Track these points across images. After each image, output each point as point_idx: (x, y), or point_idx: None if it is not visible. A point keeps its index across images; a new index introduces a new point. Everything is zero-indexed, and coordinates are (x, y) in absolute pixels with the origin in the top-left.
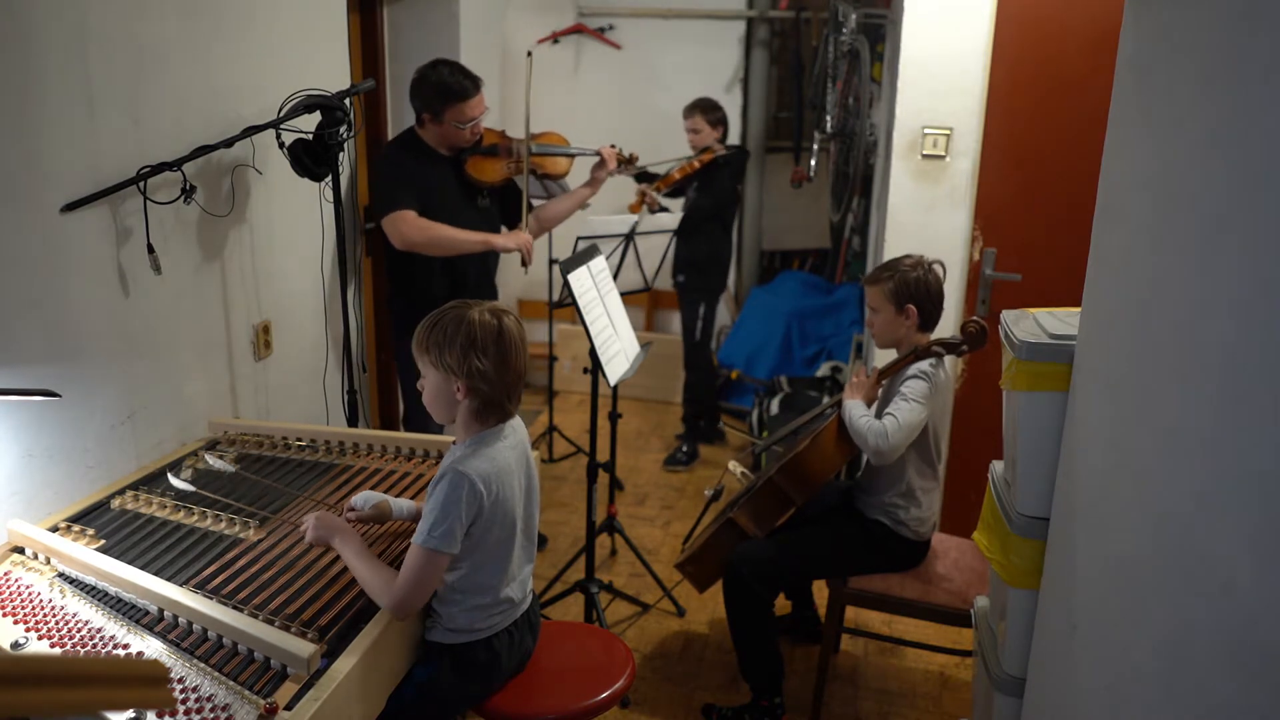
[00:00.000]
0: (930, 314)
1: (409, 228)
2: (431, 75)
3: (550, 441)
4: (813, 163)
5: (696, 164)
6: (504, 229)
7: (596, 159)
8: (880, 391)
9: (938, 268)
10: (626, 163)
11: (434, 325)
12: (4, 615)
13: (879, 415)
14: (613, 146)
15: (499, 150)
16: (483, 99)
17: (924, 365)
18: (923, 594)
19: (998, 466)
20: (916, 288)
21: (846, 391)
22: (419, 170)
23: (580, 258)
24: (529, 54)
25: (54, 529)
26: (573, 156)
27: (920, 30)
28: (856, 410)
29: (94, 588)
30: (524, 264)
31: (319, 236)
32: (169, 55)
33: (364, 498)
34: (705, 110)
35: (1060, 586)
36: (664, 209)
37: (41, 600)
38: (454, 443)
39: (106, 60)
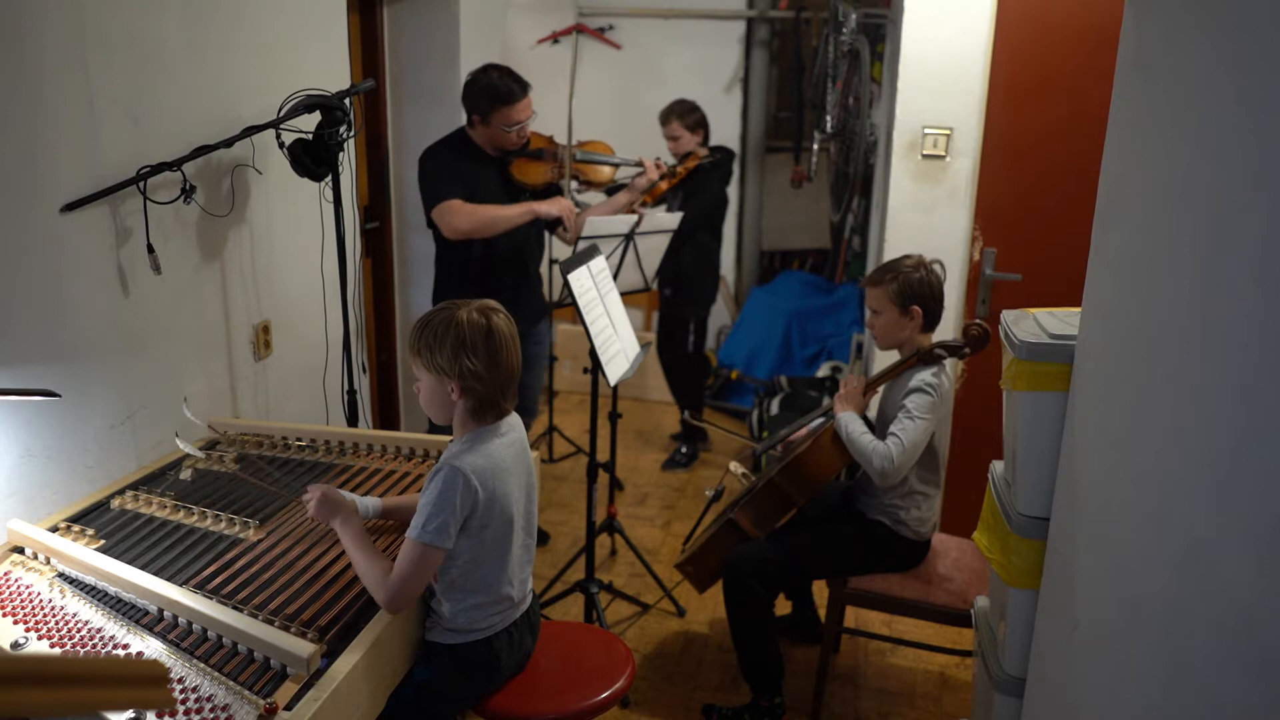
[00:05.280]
0: (933, 314)
1: (455, 215)
2: (481, 79)
3: (550, 441)
4: (813, 163)
5: (681, 171)
6: (545, 232)
7: (639, 170)
8: (880, 397)
9: (937, 267)
10: (669, 175)
11: (424, 327)
12: (4, 615)
13: (882, 425)
14: (657, 159)
15: (544, 155)
16: (530, 103)
17: (927, 376)
18: (923, 594)
19: (998, 466)
20: (920, 288)
21: (836, 405)
22: (464, 167)
23: (580, 258)
24: (573, 66)
25: (54, 529)
26: (616, 166)
27: (920, 30)
28: (854, 426)
29: (94, 588)
30: (566, 230)
31: (319, 236)
32: (169, 55)
33: None
34: (682, 114)
35: (1060, 586)
36: None
37: (41, 600)
38: (451, 440)
39: (106, 60)
